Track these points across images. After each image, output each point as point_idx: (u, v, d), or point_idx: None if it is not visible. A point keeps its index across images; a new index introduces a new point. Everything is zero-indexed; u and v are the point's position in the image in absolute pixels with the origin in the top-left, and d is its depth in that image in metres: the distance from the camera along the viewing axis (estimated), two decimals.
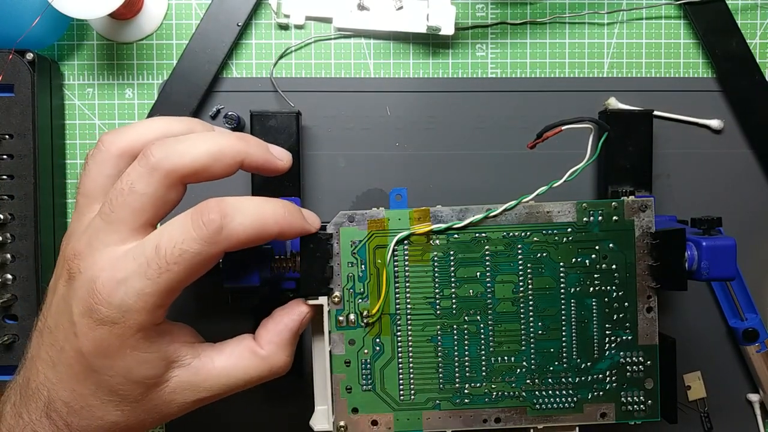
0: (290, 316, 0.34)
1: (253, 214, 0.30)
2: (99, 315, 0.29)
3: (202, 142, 0.30)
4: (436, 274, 0.36)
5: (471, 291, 0.36)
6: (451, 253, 0.36)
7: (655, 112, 0.45)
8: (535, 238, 0.36)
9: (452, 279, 0.36)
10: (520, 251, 0.36)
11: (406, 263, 0.36)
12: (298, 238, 0.34)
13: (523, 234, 0.36)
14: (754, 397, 0.47)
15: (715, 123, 0.46)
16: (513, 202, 0.36)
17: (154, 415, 0.31)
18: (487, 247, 0.36)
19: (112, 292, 0.28)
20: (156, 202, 0.30)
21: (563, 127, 0.35)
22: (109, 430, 0.31)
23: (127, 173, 0.30)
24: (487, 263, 0.36)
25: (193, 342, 0.33)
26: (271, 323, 0.34)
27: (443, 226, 0.36)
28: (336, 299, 0.36)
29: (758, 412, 0.47)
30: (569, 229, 0.36)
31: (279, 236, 0.31)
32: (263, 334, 0.34)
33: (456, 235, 0.36)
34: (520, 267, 0.36)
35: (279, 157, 0.33)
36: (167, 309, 0.31)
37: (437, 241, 0.36)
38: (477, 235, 0.36)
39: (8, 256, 0.42)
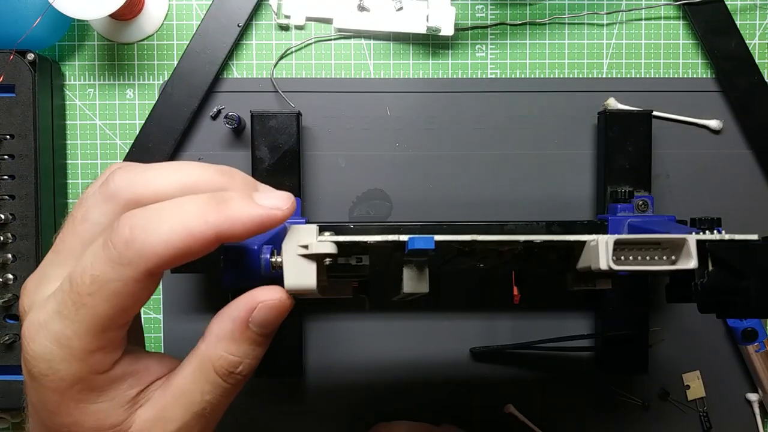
0: (236, 306, 0.27)
1: (172, 220, 0.23)
2: (28, 366, 0.25)
3: (173, 172, 0.26)
4: None
5: None
6: None
7: (655, 113, 0.45)
8: None
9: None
10: None
11: None
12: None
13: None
14: (753, 397, 0.47)
15: (714, 123, 0.46)
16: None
17: None
18: None
19: (33, 337, 0.24)
20: None
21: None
22: None
23: (84, 198, 0.26)
24: None
25: (165, 374, 0.27)
26: (215, 320, 0.27)
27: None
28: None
29: (757, 411, 0.47)
30: None
31: (224, 238, 0.24)
32: (207, 335, 0.27)
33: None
34: None
35: (273, 206, 0.25)
36: (118, 348, 0.25)
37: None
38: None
39: (9, 256, 0.42)
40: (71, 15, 0.40)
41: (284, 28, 0.46)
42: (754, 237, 0.27)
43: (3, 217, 0.42)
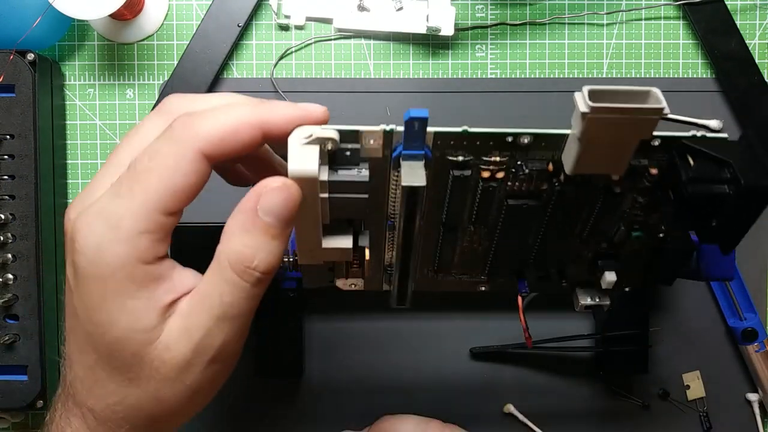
0: (246, 198, 0.27)
1: (225, 110, 0.27)
2: (75, 259, 0.26)
3: (223, 99, 0.29)
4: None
5: None
6: None
7: None
8: None
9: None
10: None
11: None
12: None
13: None
14: (753, 397, 0.47)
15: (714, 123, 0.46)
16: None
17: (175, 390, 0.27)
18: None
19: (87, 225, 0.25)
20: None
21: None
22: (135, 418, 0.27)
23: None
24: None
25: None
26: (229, 218, 0.27)
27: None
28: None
29: (757, 411, 0.47)
30: None
31: (267, 129, 0.27)
32: (223, 234, 0.27)
33: None
34: None
35: (309, 106, 0.28)
36: (163, 241, 0.26)
37: None
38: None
39: (9, 256, 0.42)
40: (71, 15, 0.40)
41: (284, 28, 0.47)
42: (725, 135, 0.29)
43: (3, 217, 0.42)
